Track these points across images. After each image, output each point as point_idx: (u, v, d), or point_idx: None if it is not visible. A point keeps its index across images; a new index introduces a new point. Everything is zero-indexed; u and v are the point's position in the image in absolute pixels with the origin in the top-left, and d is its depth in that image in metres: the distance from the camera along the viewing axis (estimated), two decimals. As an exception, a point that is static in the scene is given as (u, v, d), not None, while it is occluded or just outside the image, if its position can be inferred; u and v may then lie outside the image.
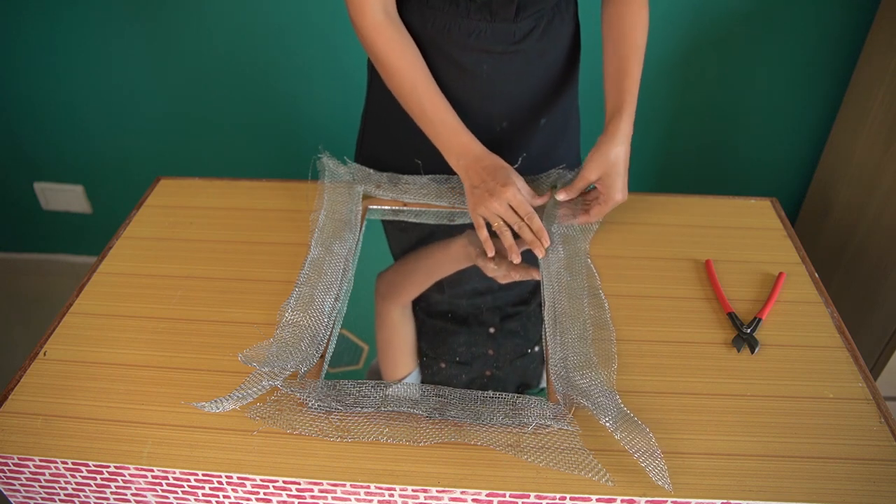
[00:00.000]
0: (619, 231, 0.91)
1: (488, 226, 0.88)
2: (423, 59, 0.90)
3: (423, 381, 0.73)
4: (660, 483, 0.61)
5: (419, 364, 0.77)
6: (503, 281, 0.86)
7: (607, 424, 0.65)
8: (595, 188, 0.89)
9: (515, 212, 0.85)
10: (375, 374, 0.75)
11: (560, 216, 0.91)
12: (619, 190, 0.85)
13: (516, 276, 0.87)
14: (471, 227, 0.92)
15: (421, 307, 0.84)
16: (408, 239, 0.96)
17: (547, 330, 0.77)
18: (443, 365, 0.76)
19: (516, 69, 0.93)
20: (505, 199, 0.84)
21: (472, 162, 0.87)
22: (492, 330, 0.80)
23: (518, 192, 0.85)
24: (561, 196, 0.89)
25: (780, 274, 0.85)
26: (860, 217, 1.37)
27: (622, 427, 0.65)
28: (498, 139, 0.97)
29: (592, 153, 0.86)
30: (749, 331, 0.77)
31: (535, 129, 0.99)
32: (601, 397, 0.68)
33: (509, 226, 0.86)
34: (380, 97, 0.98)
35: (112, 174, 1.77)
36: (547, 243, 0.85)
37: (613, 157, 0.84)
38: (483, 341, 0.79)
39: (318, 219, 0.91)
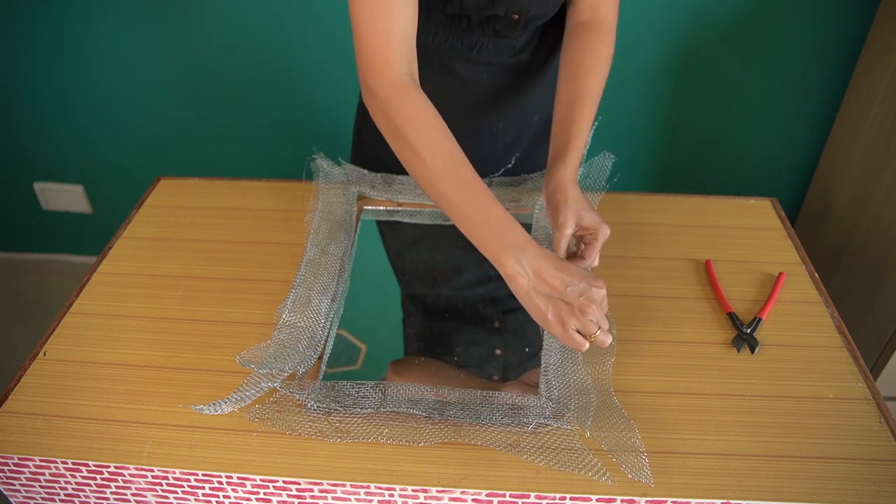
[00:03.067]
0: (619, 231, 0.91)
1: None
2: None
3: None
4: (641, 479, 0.62)
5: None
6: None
7: (582, 426, 0.65)
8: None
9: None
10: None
11: None
12: (600, 222, 0.76)
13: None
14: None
15: (419, 305, 0.83)
16: (402, 239, 0.96)
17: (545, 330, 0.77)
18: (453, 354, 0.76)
19: (514, 77, 0.93)
20: (600, 301, 0.68)
21: (542, 260, 0.68)
22: (496, 324, 0.80)
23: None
24: None
25: (780, 274, 0.85)
26: (860, 217, 1.37)
27: (596, 426, 0.65)
28: (494, 139, 0.98)
29: (559, 210, 0.76)
30: (749, 331, 0.77)
31: (529, 125, 1.00)
32: (581, 396, 0.68)
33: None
34: None
35: (112, 174, 1.77)
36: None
37: (574, 197, 0.76)
38: (487, 339, 0.79)
39: (314, 220, 0.91)
